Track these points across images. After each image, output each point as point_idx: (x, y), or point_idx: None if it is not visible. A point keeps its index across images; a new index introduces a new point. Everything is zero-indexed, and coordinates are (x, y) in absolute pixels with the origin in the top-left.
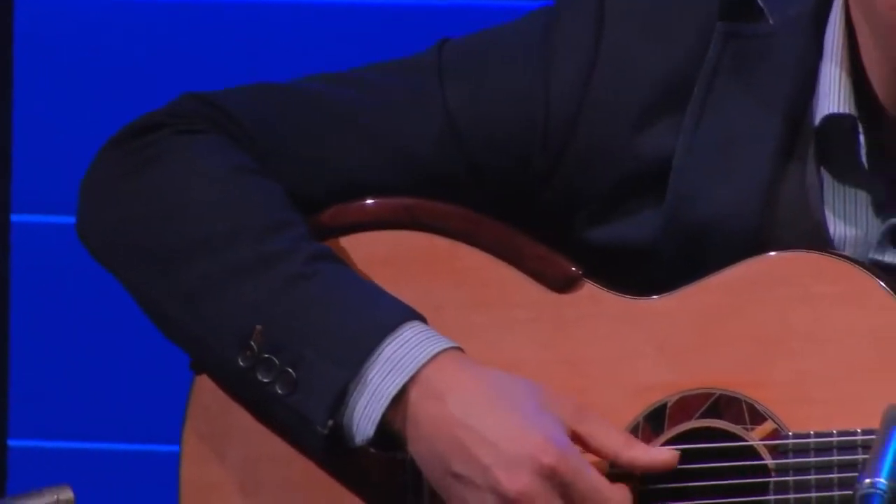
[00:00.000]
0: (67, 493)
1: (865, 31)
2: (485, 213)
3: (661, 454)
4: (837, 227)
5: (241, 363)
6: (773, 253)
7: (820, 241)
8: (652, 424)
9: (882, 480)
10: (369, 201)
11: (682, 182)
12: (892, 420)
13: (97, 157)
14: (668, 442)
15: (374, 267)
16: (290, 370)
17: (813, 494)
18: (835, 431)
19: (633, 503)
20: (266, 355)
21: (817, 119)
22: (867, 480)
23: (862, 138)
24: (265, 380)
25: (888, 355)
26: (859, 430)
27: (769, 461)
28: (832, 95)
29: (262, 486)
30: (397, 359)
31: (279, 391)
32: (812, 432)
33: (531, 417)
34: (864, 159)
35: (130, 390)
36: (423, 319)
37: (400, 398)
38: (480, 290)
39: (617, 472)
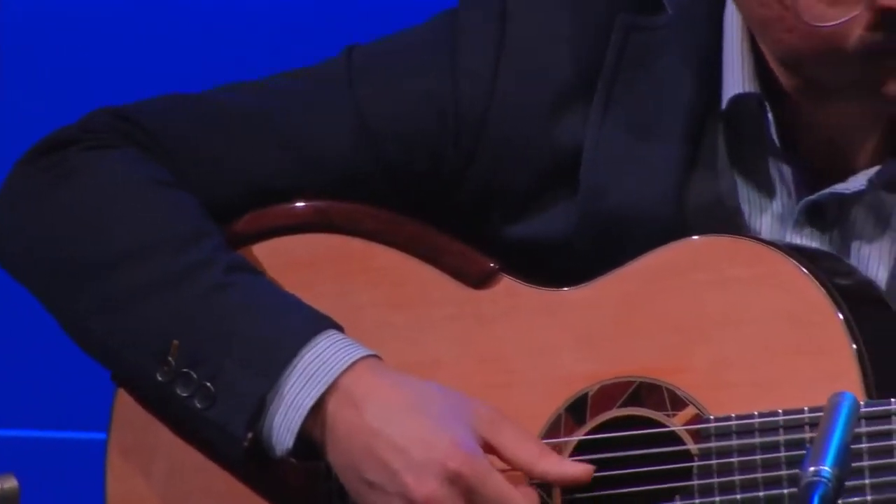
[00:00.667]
0: (12, 482)
1: None
2: (400, 212)
3: (574, 468)
4: (752, 209)
5: (159, 378)
6: (687, 239)
7: (735, 224)
8: (574, 415)
9: (826, 468)
10: (284, 206)
11: (593, 174)
12: (837, 407)
13: (9, 175)
14: (591, 431)
15: (291, 271)
16: (209, 384)
17: (736, 477)
18: (756, 413)
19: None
20: (184, 370)
21: (724, 101)
22: (811, 469)
23: (770, 115)
24: (184, 394)
25: (805, 336)
26: (780, 412)
27: (692, 446)
28: (736, 77)
29: (188, 496)
30: (313, 370)
31: (198, 405)
32: (733, 415)
33: (442, 424)
34: (774, 137)
35: (74, 378)
36: (338, 327)
37: (317, 408)
38: (398, 289)
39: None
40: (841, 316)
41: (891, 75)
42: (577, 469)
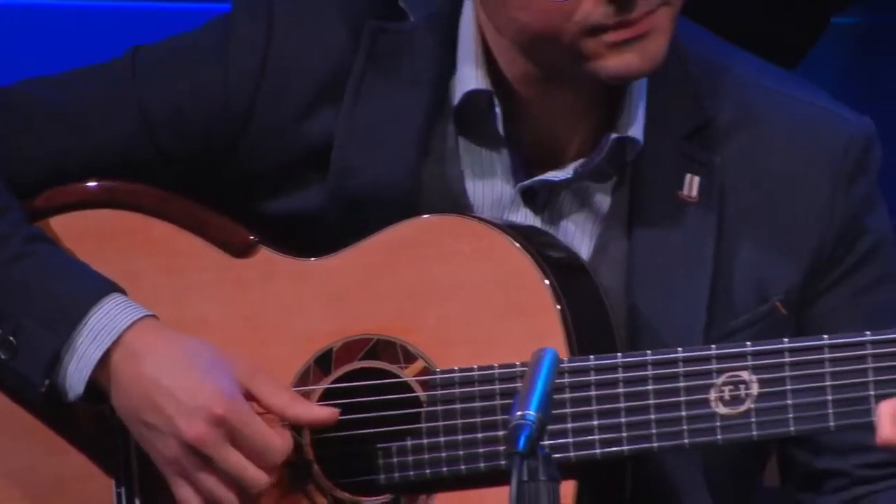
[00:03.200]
0: None
1: (491, 26)
2: (175, 190)
3: (321, 412)
4: (476, 192)
5: None
6: (419, 217)
7: (460, 204)
8: (321, 367)
9: (531, 413)
10: (76, 185)
11: (341, 159)
12: (539, 360)
13: None
14: (336, 380)
15: (81, 242)
16: (11, 338)
17: (459, 421)
18: (476, 367)
19: (295, 444)
20: None
21: (458, 97)
22: (518, 413)
23: (498, 110)
24: None
25: (517, 301)
26: (496, 365)
27: (421, 394)
28: (469, 75)
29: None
30: (101, 327)
31: (2, 356)
32: (456, 368)
33: (209, 375)
34: (500, 129)
35: None
36: (122, 291)
37: (104, 360)
38: (172, 258)
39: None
40: (547, 282)
41: (609, 51)
42: (324, 413)
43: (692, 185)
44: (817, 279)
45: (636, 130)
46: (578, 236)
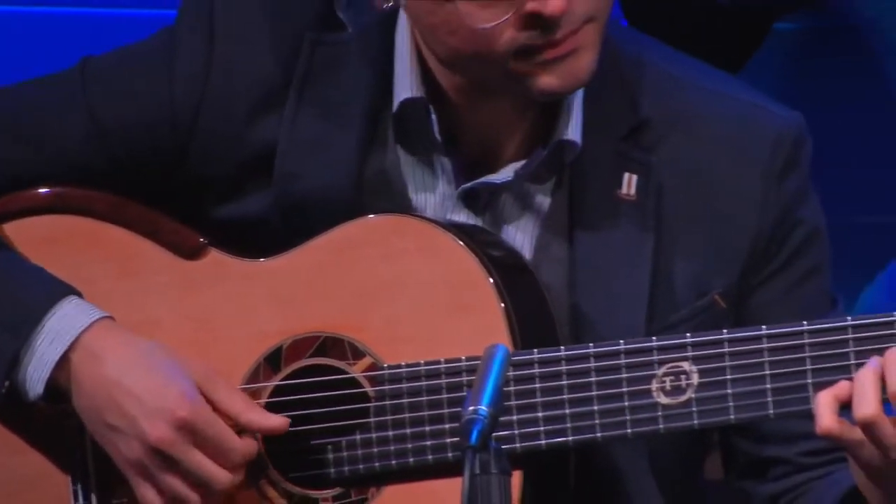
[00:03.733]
0: None
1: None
2: (127, 195)
3: (273, 420)
4: (419, 196)
5: None
6: (363, 217)
7: (403, 206)
8: (272, 364)
9: (483, 408)
10: (30, 192)
11: (285, 165)
12: (491, 356)
13: None
14: (286, 377)
15: (35, 248)
16: None
17: (406, 415)
18: (422, 362)
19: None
20: None
21: (395, 105)
22: (471, 408)
23: (434, 117)
24: None
25: (462, 298)
26: (442, 360)
27: (369, 389)
28: (406, 83)
29: None
30: (59, 328)
31: None
32: (403, 364)
33: (170, 377)
34: (437, 135)
35: None
36: (79, 294)
37: (63, 361)
38: (125, 262)
39: None
40: (491, 280)
41: (538, 70)
42: (276, 421)
43: (630, 183)
44: (753, 272)
45: (574, 133)
46: (520, 237)
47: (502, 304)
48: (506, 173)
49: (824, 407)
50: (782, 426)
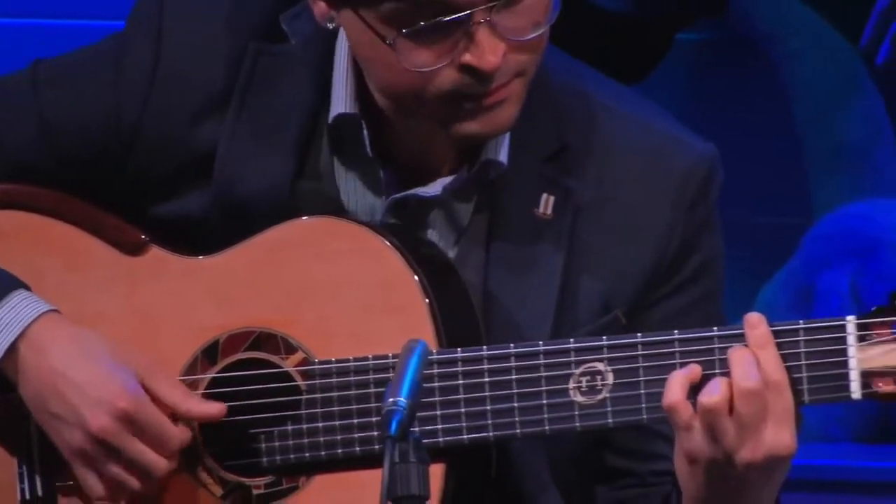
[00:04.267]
0: None
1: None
2: (73, 193)
3: (210, 407)
4: (351, 201)
5: None
6: (298, 218)
7: (335, 211)
8: (209, 357)
9: (402, 399)
10: None
11: (224, 168)
12: (410, 351)
13: None
14: (222, 370)
15: None
16: None
17: (336, 408)
18: (352, 358)
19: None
20: None
21: (331, 117)
22: (390, 399)
23: (366, 132)
24: None
25: (389, 296)
26: (371, 357)
27: (301, 383)
28: (341, 98)
29: None
30: (7, 320)
31: None
32: (334, 360)
33: (112, 369)
34: (369, 149)
35: None
36: (27, 287)
37: (11, 352)
38: (71, 257)
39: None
40: (416, 278)
41: (464, 117)
42: (213, 408)
43: (548, 203)
44: (650, 291)
45: (502, 153)
46: (445, 250)
47: (427, 301)
48: (435, 188)
49: (675, 381)
50: (642, 444)
